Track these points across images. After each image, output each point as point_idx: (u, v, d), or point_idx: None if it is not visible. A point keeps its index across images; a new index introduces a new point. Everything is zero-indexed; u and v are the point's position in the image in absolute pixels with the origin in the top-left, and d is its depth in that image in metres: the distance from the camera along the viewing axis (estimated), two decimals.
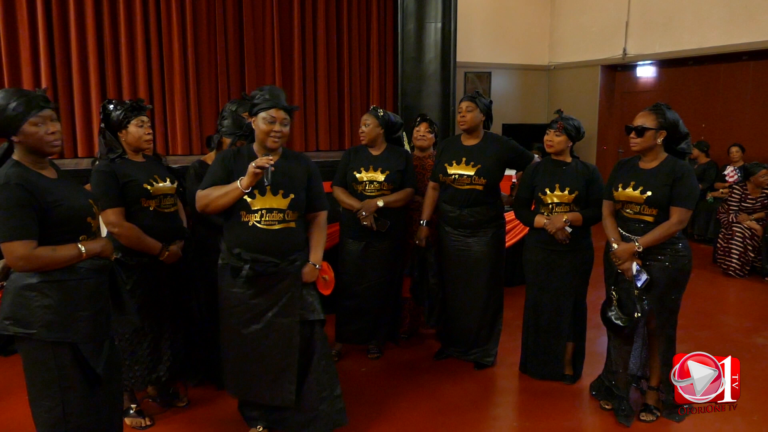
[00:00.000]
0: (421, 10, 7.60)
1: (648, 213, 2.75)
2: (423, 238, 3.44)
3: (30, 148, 1.97)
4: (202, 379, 3.23)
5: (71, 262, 1.97)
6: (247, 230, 2.45)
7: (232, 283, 2.49)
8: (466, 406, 3.10)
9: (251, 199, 2.43)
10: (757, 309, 4.74)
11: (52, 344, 1.95)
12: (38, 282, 1.93)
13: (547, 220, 3.10)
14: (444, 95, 7.78)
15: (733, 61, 7.26)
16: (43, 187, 1.94)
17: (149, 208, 2.70)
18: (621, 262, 2.77)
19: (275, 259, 2.45)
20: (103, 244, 2.09)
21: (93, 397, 2.05)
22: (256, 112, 2.46)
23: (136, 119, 2.69)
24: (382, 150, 3.49)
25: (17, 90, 1.97)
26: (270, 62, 7.75)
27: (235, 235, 2.47)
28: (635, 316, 2.74)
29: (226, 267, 2.50)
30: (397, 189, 3.45)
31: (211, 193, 2.43)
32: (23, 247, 1.87)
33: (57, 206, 1.95)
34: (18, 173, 1.92)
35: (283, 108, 2.45)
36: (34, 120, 1.94)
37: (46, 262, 1.91)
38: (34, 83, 6.48)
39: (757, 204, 5.62)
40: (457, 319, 3.51)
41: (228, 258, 2.48)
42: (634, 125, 2.76)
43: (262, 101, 2.44)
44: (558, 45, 9.55)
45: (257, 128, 2.47)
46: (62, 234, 1.97)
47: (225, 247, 2.52)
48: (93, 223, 2.08)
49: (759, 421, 2.94)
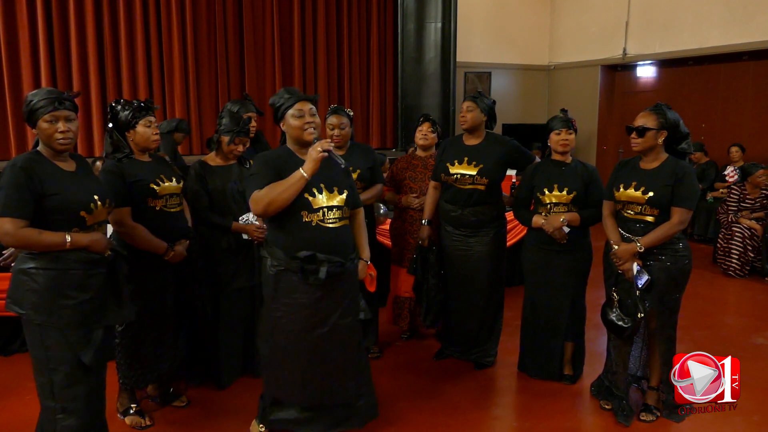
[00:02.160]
0: (421, 10, 7.62)
1: (649, 213, 2.75)
2: (425, 237, 3.44)
3: (43, 142, 2.15)
4: (203, 379, 3.23)
5: (54, 248, 2.09)
6: (311, 230, 2.35)
7: (293, 289, 2.36)
8: (466, 406, 3.10)
9: (312, 198, 2.35)
10: (757, 309, 4.74)
11: (40, 326, 2.11)
12: (30, 268, 2.09)
13: (544, 220, 3.10)
14: (444, 95, 7.79)
15: (733, 61, 7.26)
16: (46, 176, 2.10)
17: (155, 207, 2.70)
18: (622, 262, 2.77)
19: (341, 259, 2.39)
20: (93, 239, 2.17)
21: (78, 382, 2.17)
22: (283, 114, 2.43)
23: (144, 119, 2.69)
24: (347, 148, 3.46)
25: (50, 89, 2.16)
26: (270, 62, 7.75)
27: (297, 237, 2.35)
28: (638, 317, 2.74)
29: (284, 273, 2.36)
30: (367, 187, 3.45)
31: (272, 191, 2.28)
32: (11, 223, 2.02)
33: (52, 195, 2.09)
34: (28, 158, 2.11)
35: (306, 99, 2.44)
36: (47, 117, 2.10)
37: (30, 242, 2.06)
38: (34, 83, 6.48)
39: (756, 204, 5.62)
40: (457, 319, 3.51)
41: (289, 262, 2.34)
42: (635, 126, 2.76)
43: (284, 101, 2.42)
44: (558, 45, 9.55)
45: (290, 128, 2.43)
46: (54, 223, 2.10)
47: (280, 252, 2.37)
48: (88, 218, 2.17)
49: (759, 421, 2.94)
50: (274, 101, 2.46)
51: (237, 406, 3.02)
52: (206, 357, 3.17)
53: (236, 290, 3.11)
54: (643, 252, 2.72)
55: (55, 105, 2.10)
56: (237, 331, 3.18)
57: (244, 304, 3.17)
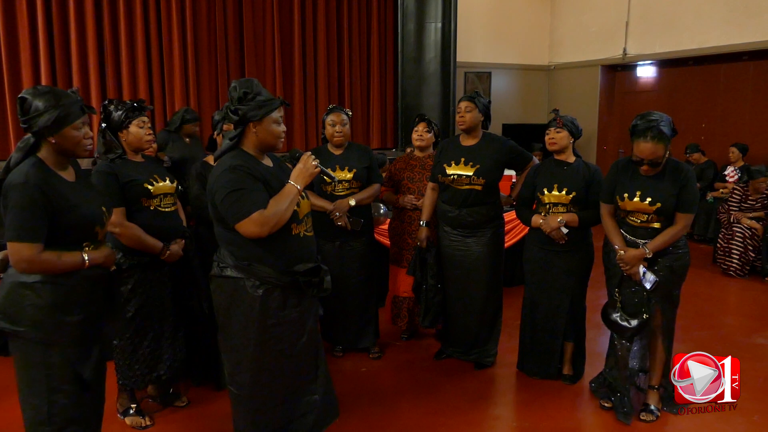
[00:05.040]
0: (421, 10, 7.61)
1: (656, 220, 2.77)
2: (423, 238, 3.44)
3: (63, 150, 1.98)
4: (202, 379, 3.23)
5: (74, 269, 1.96)
6: (299, 242, 2.21)
7: (281, 305, 2.19)
8: (466, 406, 3.10)
9: (298, 208, 2.20)
10: (757, 309, 4.74)
11: (42, 344, 1.95)
12: (33, 282, 1.92)
13: (543, 220, 3.11)
14: (444, 95, 7.78)
15: (733, 61, 7.26)
16: (60, 191, 1.94)
17: (149, 207, 2.70)
18: (629, 267, 2.78)
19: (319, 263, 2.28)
20: (107, 254, 2.09)
21: (79, 401, 2.04)
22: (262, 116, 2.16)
23: (137, 120, 2.70)
24: (344, 148, 3.48)
25: (57, 92, 1.96)
26: (270, 62, 7.75)
27: (288, 251, 2.18)
28: (643, 317, 2.75)
29: (272, 290, 2.16)
30: (364, 186, 3.46)
31: (278, 209, 2.08)
32: (30, 249, 1.86)
33: (70, 212, 1.94)
34: (38, 174, 1.91)
35: (284, 104, 2.27)
36: (76, 124, 1.96)
37: (49, 267, 1.91)
38: (34, 83, 6.48)
39: (757, 204, 5.62)
40: (456, 319, 3.51)
41: (280, 278, 2.15)
42: (646, 160, 2.68)
43: (265, 102, 2.16)
44: (558, 45, 9.55)
45: (266, 133, 2.19)
46: (68, 239, 1.96)
47: (268, 270, 2.14)
48: (100, 232, 2.07)
49: (759, 421, 2.94)
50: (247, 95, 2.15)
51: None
52: (206, 357, 3.17)
53: None
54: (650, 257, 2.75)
55: (84, 110, 1.98)
56: None
57: None
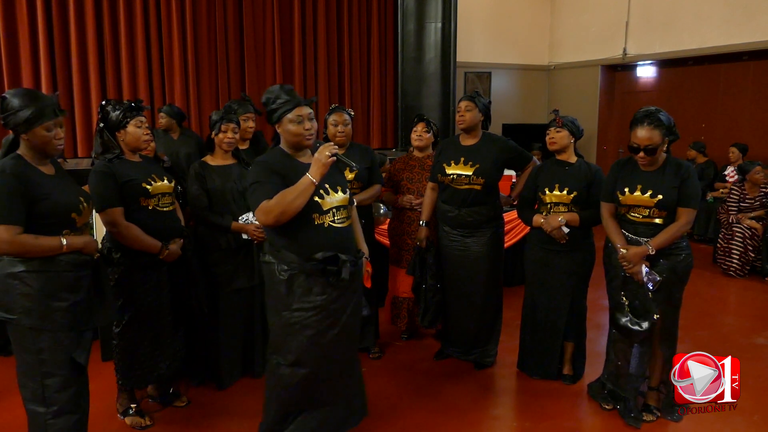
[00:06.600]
0: (421, 10, 7.61)
1: (657, 216, 2.74)
2: (423, 238, 3.44)
3: (35, 147, 2.14)
4: (203, 379, 3.23)
5: (52, 252, 2.10)
6: (323, 232, 2.31)
7: (307, 291, 2.29)
8: (466, 406, 3.10)
9: (321, 200, 2.30)
10: (757, 309, 4.74)
11: (33, 330, 2.10)
12: (20, 271, 2.07)
13: (543, 220, 3.11)
14: (444, 95, 7.79)
15: (733, 61, 7.26)
16: (35, 181, 2.10)
17: (148, 207, 2.70)
18: (631, 266, 2.73)
19: (353, 257, 2.38)
20: (87, 240, 2.21)
21: (73, 385, 2.20)
22: (279, 117, 2.35)
23: (135, 119, 2.70)
24: (346, 148, 3.46)
25: (35, 93, 2.15)
26: (270, 62, 7.75)
27: (311, 241, 2.29)
28: (653, 319, 2.72)
29: (297, 276, 2.28)
30: (365, 186, 3.45)
31: (282, 200, 2.19)
32: (7, 231, 2.01)
33: (44, 199, 2.09)
34: (15, 165, 2.09)
35: (305, 104, 2.39)
36: (47, 125, 2.12)
37: (28, 248, 2.05)
38: (34, 83, 6.49)
39: (756, 203, 5.62)
40: (456, 320, 3.51)
41: (303, 265, 2.27)
42: (642, 146, 2.68)
43: (281, 105, 2.34)
44: (558, 45, 9.55)
45: (288, 133, 2.35)
46: (46, 226, 2.10)
47: (293, 256, 2.28)
48: (78, 219, 2.20)
49: (759, 421, 2.94)
50: (269, 101, 2.36)
51: (237, 407, 3.03)
52: (206, 357, 3.17)
53: (235, 291, 3.12)
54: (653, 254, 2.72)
55: (56, 113, 2.13)
56: (237, 332, 3.18)
57: (243, 304, 3.17)
